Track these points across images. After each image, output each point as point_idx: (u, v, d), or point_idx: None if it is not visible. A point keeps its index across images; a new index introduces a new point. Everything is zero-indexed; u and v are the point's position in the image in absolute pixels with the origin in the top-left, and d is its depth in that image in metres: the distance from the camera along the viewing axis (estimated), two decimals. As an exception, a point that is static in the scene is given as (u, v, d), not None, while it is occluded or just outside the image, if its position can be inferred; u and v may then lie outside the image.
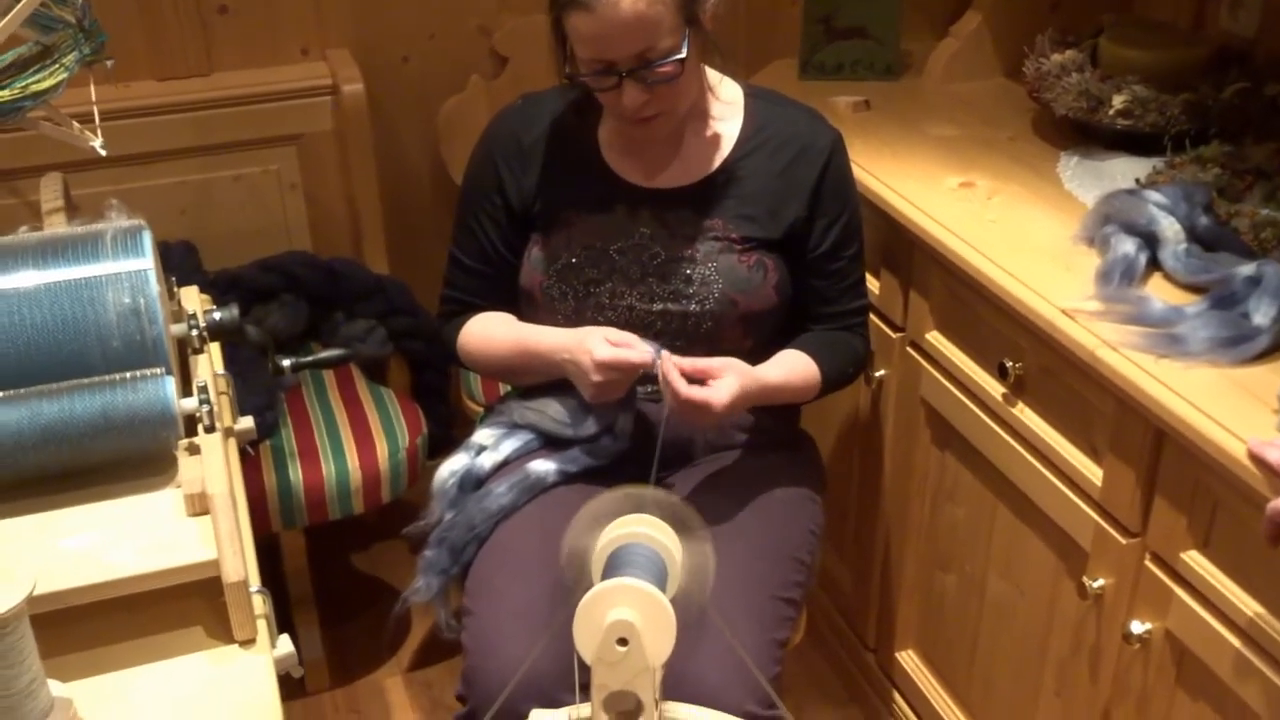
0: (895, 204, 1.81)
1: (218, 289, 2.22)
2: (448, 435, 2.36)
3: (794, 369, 1.64)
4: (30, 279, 1.19)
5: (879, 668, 2.17)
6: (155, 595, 1.09)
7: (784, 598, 1.56)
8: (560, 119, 1.67)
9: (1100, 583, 1.51)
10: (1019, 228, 1.70)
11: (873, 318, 1.87)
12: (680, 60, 1.49)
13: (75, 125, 1.49)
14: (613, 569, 1.07)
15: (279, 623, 1.16)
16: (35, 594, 0.94)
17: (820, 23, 2.25)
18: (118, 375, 1.17)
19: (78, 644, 1.07)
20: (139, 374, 1.18)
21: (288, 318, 2.33)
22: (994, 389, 1.68)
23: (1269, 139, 1.73)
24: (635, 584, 1.03)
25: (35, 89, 1.38)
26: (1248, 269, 1.43)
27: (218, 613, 1.09)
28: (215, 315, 1.40)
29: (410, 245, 2.54)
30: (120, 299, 1.19)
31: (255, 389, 2.07)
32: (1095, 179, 1.81)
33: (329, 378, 2.36)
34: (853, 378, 1.75)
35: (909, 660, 2.08)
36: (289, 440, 2.15)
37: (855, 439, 2.10)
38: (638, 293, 1.63)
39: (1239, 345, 1.37)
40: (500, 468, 1.67)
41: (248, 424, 1.36)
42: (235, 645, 1.10)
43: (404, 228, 2.55)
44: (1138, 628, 1.45)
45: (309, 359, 2.12)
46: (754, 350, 1.63)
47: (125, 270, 1.20)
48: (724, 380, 1.50)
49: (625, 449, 1.64)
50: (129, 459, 1.19)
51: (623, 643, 1.02)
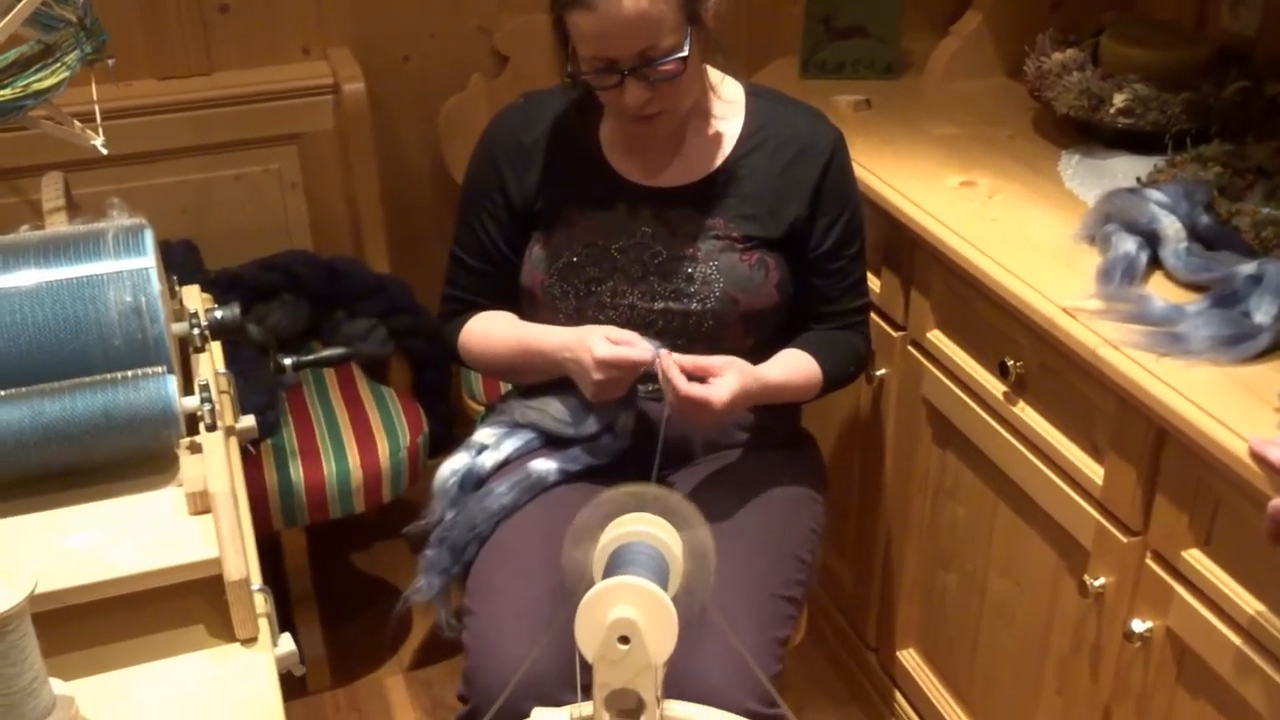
0: (896, 203, 1.80)
1: (219, 288, 2.22)
2: (449, 434, 2.36)
3: (795, 368, 1.64)
4: (32, 278, 1.19)
5: (880, 667, 2.17)
6: (157, 593, 1.09)
7: (785, 596, 1.56)
8: (561, 118, 1.67)
9: (1101, 581, 1.51)
10: (1020, 226, 1.70)
11: (874, 316, 1.87)
12: (683, 58, 1.49)
13: (76, 124, 1.49)
14: (614, 567, 1.07)
15: (280, 621, 1.15)
16: (37, 592, 0.94)
17: (821, 22, 2.25)
18: (119, 374, 1.17)
19: (79, 642, 1.07)
20: (140, 373, 1.18)
21: (289, 317, 2.33)
22: (995, 387, 1.68)
23: (1270, 138, 1.73)
24: (637, 582, 1.03)
25: (37, 88, 1.38)
26: (1249, 268, 1.44)
27: (219, 611, 1.09)
28: (217, 314, 1.40)
29: (411, 244, 2.54)
30: (122, 297, 1.19)
31: (256, 388, 2.07)
32: (1096, 178, 1.81)
33: (330, 376, 2.36)
34: (854, 377, 1.75)
35: (910, 659, 2.08)
36: (290, 439, 2.15)
37: (856, 438, 2.10)
38: (639, 291, 1.62)
39: (1240, 344, 1.37)
40: (501, 467, 1.67)
41: (249, 423, 1.36)
42: (237, 643, 1.10)
43: (405, 227, 2.55)
44: (1139, 626, 1.45)
45: (310, 358, 2.13)
46: (755, 349, 1.63)
47: (127, 269, 1.20)
48: (724, 378, 1.50)
49: (626, 448, 1.64)
50: (130, 457, 1.19)
51: (624, 641, 1.02)
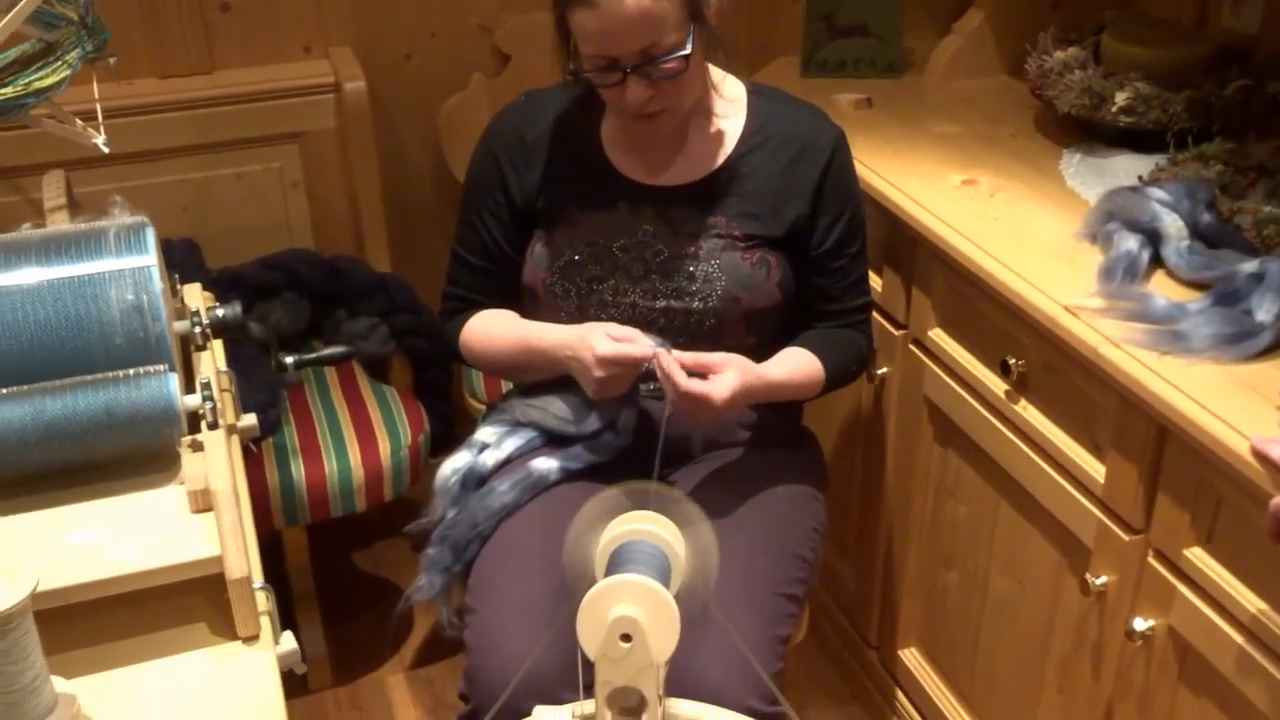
0: (898, 201, 1.80)
1: (220, 287, 2.22)
2: (450, 433, 2.36)
3: (797, 366, 1.64)
4: (33, 276, 1.19)
5: (881, 665, 2.17)
6: (158, 591, 1.09)
7: (786, 594, 1.56)
8: (563, 116, 1.67)
9: (1103, 579, 1.51)
10: (1021, 225, 1.70)
11: (875, 315, 1.87)
12: (685, 56, 1.49)
13: (78, 122, 1.49)
14: (616, 565, 1.07)
15: (281, 620, 1.16)
16: (39, 590, 0.94)
17: (822, 20, 2.25)
18: (121, 372, 1.17)
19: (81, 640, 1.07)
20: (142, 371, 1.18)
21: (290, 315, 2.33)
22: (996, 386, 1.68)
23: (1271, 136, 1.73)
24: (639, 580, 1.03)
25: (38, 86, 1.38)
26: (1250, 266, 1.43)
27: (221, 609, 1.09)
28: (218, 312, 1.40)
29: (412, 243, 2.54)
30: (123, 296, 1.19)
31: (258, 386, 2.07)
32: (1098, 176, 1.81)
33: (331, 375, 2.36)
34: (855, 375, 1.75)
35: (911, 658, 2.08)
36: (291, 437, 2.15)
37: (858, 436, 2.10)
38: (641, 290, 1.62)
39: (1242, 342, 1.37)
40: (503, 465, 1.67)
41: (250, 421, 1.36)
42: (238, 642, 1.10)
43: (406, 225, 2.55)
44: (1140, 624, 1.45)
45: (311, 356, 2.13)
46: (757, 348, 1.63)
47: (128, 267, 1.20)
48: (724, 375, 1.50)
49: (628, 446, 1.64)
50: (132, 456, 1.19)
51: (626, 639, 1.02)
